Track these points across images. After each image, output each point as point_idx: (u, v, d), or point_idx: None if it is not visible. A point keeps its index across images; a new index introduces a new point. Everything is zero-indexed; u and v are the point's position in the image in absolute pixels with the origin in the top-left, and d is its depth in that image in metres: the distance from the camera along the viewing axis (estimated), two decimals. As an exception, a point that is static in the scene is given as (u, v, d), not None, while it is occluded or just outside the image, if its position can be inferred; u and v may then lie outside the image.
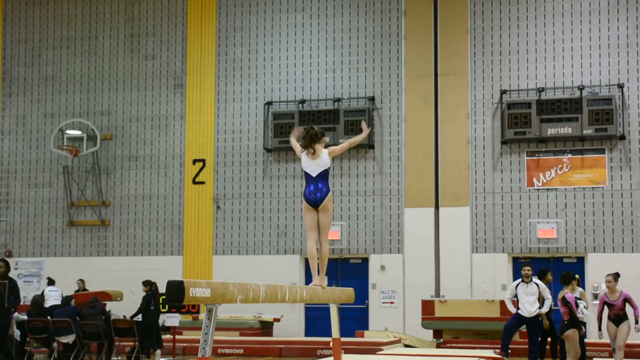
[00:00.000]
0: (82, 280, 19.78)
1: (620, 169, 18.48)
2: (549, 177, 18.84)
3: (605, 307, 12.57)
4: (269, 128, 20.37)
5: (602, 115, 18.32)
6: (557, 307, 14.29)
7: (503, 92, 19.16)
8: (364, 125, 8.95)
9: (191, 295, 5.22)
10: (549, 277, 14.51)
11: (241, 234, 20.54)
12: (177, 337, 16.70)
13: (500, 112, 19.14)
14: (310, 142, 8.24)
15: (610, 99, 18.39)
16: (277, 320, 19.40)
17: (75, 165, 21.70)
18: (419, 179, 19.46)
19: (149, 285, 16.78)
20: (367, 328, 19.16)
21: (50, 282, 18.55)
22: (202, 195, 20.84)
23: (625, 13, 18.82)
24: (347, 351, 14.33)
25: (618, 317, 12.47)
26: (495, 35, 19.46)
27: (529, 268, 14.07)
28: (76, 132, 21.40)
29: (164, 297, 15.09)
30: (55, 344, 16.19)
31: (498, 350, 13.95)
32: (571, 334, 12.06)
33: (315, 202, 8.21)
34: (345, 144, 8.69)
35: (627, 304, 12.61)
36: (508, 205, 19.01)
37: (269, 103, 20.47)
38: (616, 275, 12.58)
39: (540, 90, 18.92)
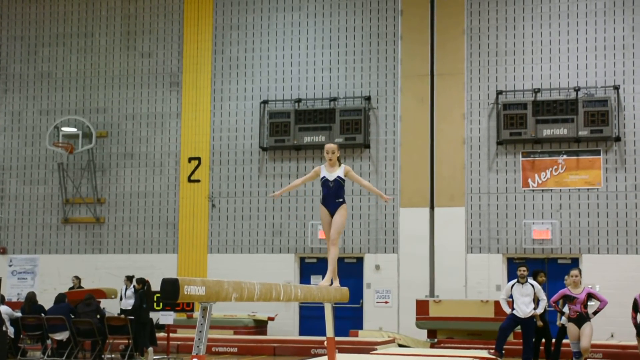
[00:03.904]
0: (77, 278, 19.73)
1: (616, 170, 18.51)
2: (544, 178, 18.86)
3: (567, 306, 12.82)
4: (265, 127, 20.37)
5: (597, 117, 18.33)
6: (551, 308, 14.36)
7: (499, 92, 19.17)
8: None
9: (186, 293, 5.22)
10: (542, 277, 14.52)
11: (236, 232, 20.53)
12: (171, 335, 16.70)
13: (496, 113, 19.15)
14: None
15: (605, 100, 18.40)
16: (272, 319, 19.40)
17: (70, 163, 21.67)
18: (415, 179, 19.47)
19: (142, 283, 16.77)
20: (361, 327, 19.16)
21: (129, 279, 18.33)
22: (197, 194, 20.82)
23: (621, 15, 18.84)
24: (341, 350, 14.33)
25: (580, 317, 12.54)
26: (492, 36, 19.48)
27: (524, 269, 14.07)
28: (71, 129, 21.36)
29: (158, 294, 15.09)
30: (49, 341, 16.18)
31: (492, 351, 13.97)
32: None
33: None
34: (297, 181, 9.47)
35: (592, 299, 12.76)
36: (503, 206, 19.03)
37: (265, 102, 20.46)
38: (580, 271, 13.30)
39: (536, 91, 18.94)
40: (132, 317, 16.26)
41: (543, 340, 14.52)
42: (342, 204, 8.82)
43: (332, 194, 8.85)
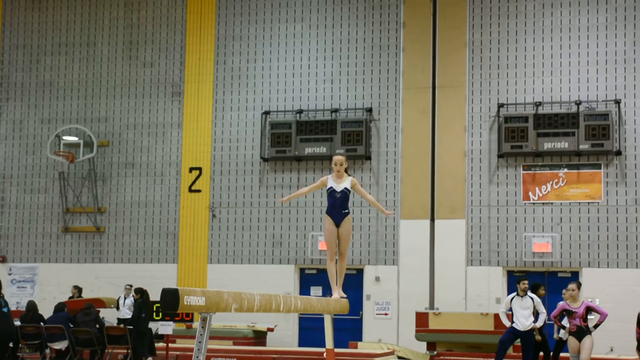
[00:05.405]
0: (76, 288, 19.68)
1: (616, 184, 18.51)
2: (545, 191, 18.86)
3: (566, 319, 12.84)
4: (266, 137, 20.38)
5: (598, 131, 18.35)
6: (550, 322, 14.34)
7: (500, 105, 19.19)
8: None
9: (186, 303, 5.22)
10: (542, 291, 14.51)
11: (236, 242, 20.52)
12: (170, 345, 16.67)
13: (497, 126, 19.16)
14: None
15: (606, 114, 18.42)
16: (271, 329, 19.36)
17: (71, 172, 21.67)
18: (415, 191, 19.46)
19: (140, 292, 16.76)
20: (360, 339, 19.12)
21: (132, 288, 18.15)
22: (197, 204, 20.82)
23: (622, 29, 18.88)
24: (341, 362, 14.31)
25: (580, 330, 12.58)
26: (494, 49, 19.51)
27: (526, 282, 14.06)
28: (73, 138, 21.38)
29: (157, 304, 15.08)
30: (47, 350, 16.15)
31: (491, 364, 13.94)
32: None
33: None
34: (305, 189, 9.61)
35: (591, 312, 12.79)
36: (503, 219, 19.02)
37: (267, 112, 20.48)
38: (579, 285, 13.26)
39: (538, 104, 18.96)
40: (131, 327, 16.25)
41: (541, 353, 14.50)
42: (348, 214, 9.01)
43: (339, 205, 8.99)
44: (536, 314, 13.90)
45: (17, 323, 16.26)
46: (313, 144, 19.85)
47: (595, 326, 12.84)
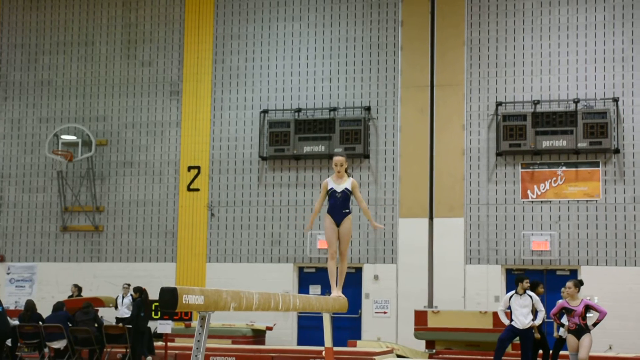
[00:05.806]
0: (76, 286, 19.68)
1: (614, 182, 18.52)
2: (544, 189, 18.87)
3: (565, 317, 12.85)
4: (265, 136, 20.38)
5: (596, 129, 18.37)
6: (549, 320, 14.36)
7: (498, 104, 19.20)
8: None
9: (184, 302, 5.21)
10: (541, 289, 14.52)
11: (235, 241, 20.52)
12: (169, 344, 16.67)
13: (496, 124, 19.18)
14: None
15: (605, 112, 18.44)
16: (270, 328, 19.37)
17: (69, 171, 21.66)
18: (414, 190, 19.47)
19: (139, 291, 16.76)
20: (359, 338, 19.13)
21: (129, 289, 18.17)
22: (196, 203, 20.82)
23: (620, 27, 18.89)
24: (339, 361, 14.30)
25: (579, 329, 12.59)
26: (492, 47, 19.51)
27: (528, 281, 14.07)
28: (71, 137, 21.38)
29: (156, 303, 15.08)
30: (46, 350, 16.15)
31: (490, 362, 13.94)
32: None
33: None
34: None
35: (590, 311, 12.81)
36: (502, 217, 19.03)
37: (265, 111, 20.47)
38: (578, 282, 13.14)
39: (536, 102, 18.97)
40: (130, 326, 16.25)
41: (541, 351, 14.51)
42: (349, 214, 9.01)
43: (339, 205, 9.02)
44: (535, 312, 13.91)
45: (16, 322, 16.27)
46: (311, 142, 19.85)
47: (594, 324, 12.85)
